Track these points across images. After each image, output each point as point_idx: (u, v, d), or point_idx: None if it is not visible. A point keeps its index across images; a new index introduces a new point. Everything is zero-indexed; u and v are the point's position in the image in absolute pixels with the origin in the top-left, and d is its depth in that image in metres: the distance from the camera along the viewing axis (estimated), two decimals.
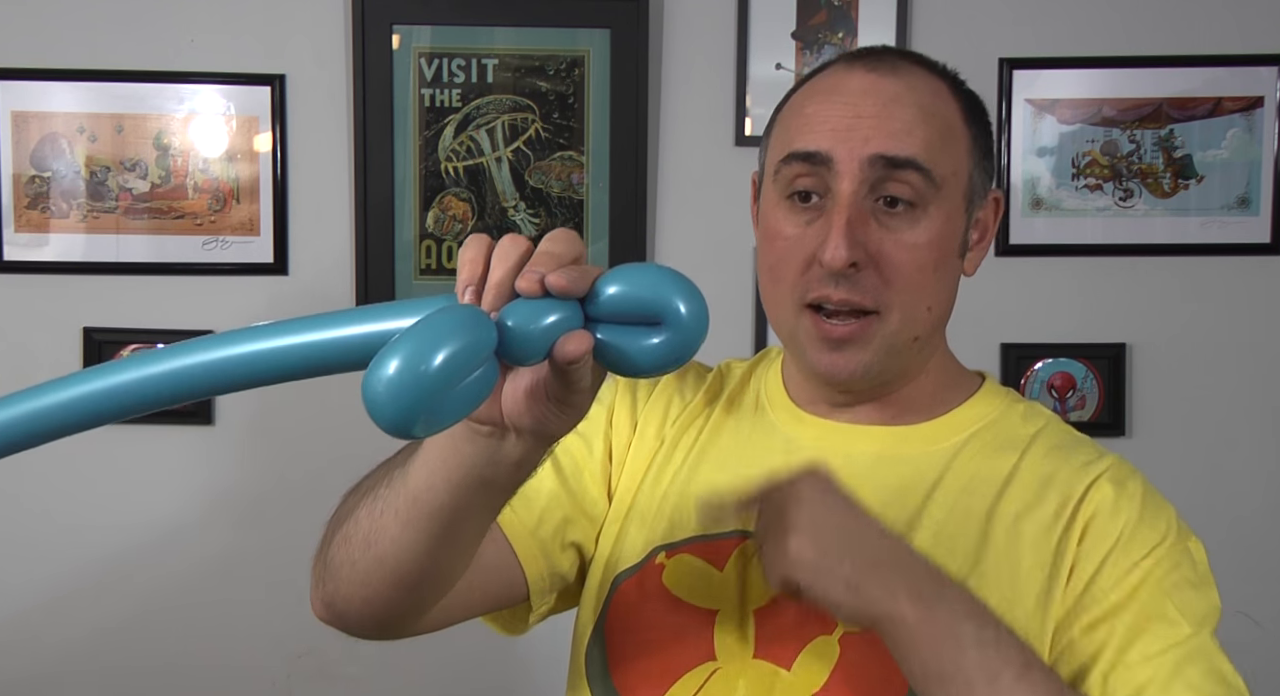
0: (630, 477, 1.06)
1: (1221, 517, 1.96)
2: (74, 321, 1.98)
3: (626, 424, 1.08)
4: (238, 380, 0.70)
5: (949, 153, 0.95)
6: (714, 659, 0.95)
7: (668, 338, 0.69)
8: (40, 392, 0.73)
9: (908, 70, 0.97)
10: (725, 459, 1.04)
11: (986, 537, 0.94)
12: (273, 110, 1.97)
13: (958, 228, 0.97)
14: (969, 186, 0.98)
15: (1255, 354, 2.00)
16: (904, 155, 0.92)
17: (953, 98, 0.98)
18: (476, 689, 2.03)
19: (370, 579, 0.90)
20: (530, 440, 0.76)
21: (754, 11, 1.96)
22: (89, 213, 1.97)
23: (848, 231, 0.91)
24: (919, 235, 0.94)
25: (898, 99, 0.94)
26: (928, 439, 1.00)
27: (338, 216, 1.98)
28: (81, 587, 2.00)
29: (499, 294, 0.69)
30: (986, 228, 1.02)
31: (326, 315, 0.70)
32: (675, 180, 1.99)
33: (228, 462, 1.99)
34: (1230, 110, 1.97)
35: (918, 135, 0.93)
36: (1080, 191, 1.98)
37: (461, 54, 1.96)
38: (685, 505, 1.02)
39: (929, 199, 0.94)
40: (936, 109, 0.95)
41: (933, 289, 0.95)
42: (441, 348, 0.62)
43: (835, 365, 0.95)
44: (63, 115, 1.96)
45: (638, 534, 1.03)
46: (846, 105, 0.94)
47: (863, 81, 0.95)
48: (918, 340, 0.97)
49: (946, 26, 1.98)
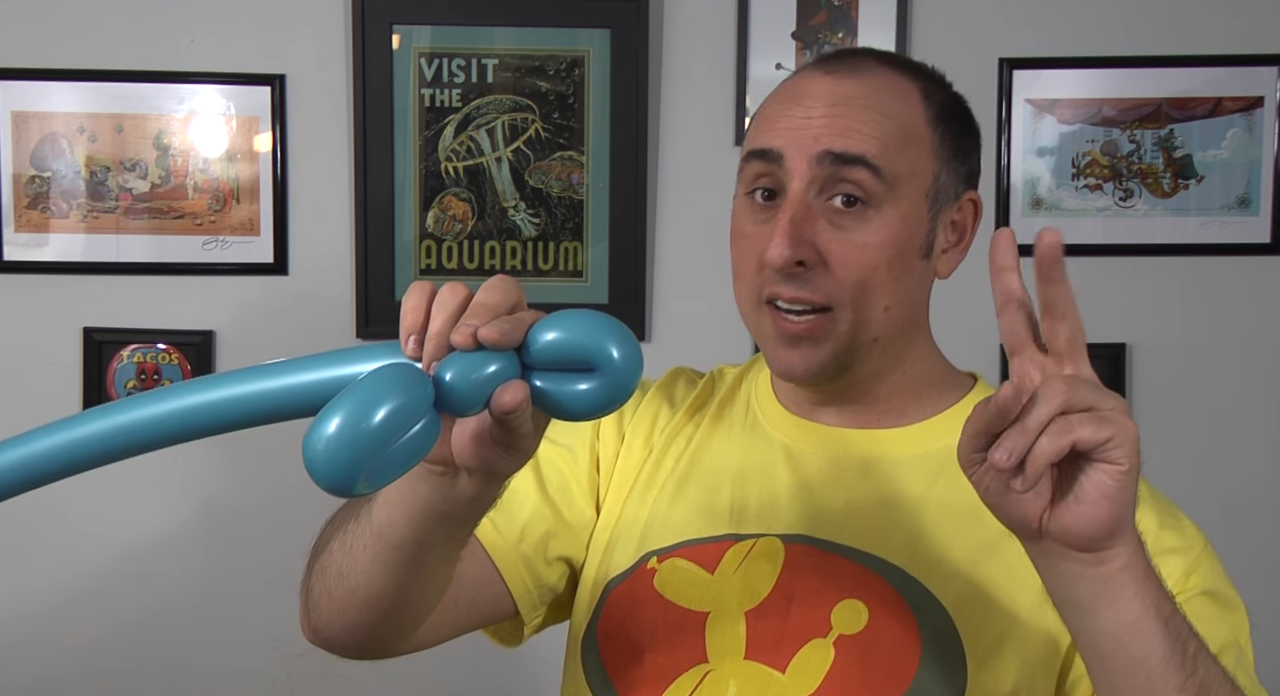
0: (619, 487, 1.06)
1: (1221, 517, 1.96)
2: (74, 321, 1.98)
3: (614, 435, 1.08)
4: (188, 431, 0.73)
5: (907, 153, 0.96)
6: (706, 661, 0.95)
7: (599, 384, 0.70)
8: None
9: (871, 72, 0.98)
10: (718, 464, 1.04)
11: (981, 540, 0.94)
12: (273, 110, 1.97)
13: (918, 228, 0.97)
14: (933, 187, 0.97)
15: (1255, 354, 2.00)
16: (852, 152, 0.93)
17: (920, 99, 0.98)
18: (476, 689, 2.03)
19: (348, 608, 0.92)
20: (481, 479, 0.77)
21: (754, 11, 1.96)
22: (89, 213, 1.97)
23: (791, 230, 0.93)
24: (870, 235, 0.94)
25: (851, 100, 0.95)
26: (919, 440, 1.00)
27: (338, 216, 1.98)
28: (80, 590, 2.00)
29: (437, 345, 0.70)
30: (965, 230, 1.02)
31: (275, 365, 0.72)
32: (675, 180, 1.99)
33: (227, 462, 1.99)
34: (1230, 110, 1.97)
35: (869, 134, 0.94)
36: (1080, 191, 1.98)
37: (461, 54, 1.96)
38: (676, 511, 1.02)
39: (881, 198, 0.94)
40: (894, 110, 0.96)
41: (889, 289, 0.95)
42: (379, 406, 0.64)
43: (791, 362, 0.96)
44: (63, 115, 1.96)
45: (628, 541, 1.03)
46: (801, 106, 0.96)
47: (820, 84, 0.97)
48: (877, 341, 0.97)
49: (946, 26, 1.98)
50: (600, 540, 1.05)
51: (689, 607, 0.97)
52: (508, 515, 1.01)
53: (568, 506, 1.05)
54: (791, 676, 0.93)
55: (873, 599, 0.94)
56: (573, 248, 1.98)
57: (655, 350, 1.95)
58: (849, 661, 0.92)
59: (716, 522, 1.00)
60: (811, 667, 0.92)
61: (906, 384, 1.02)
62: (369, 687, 2.02)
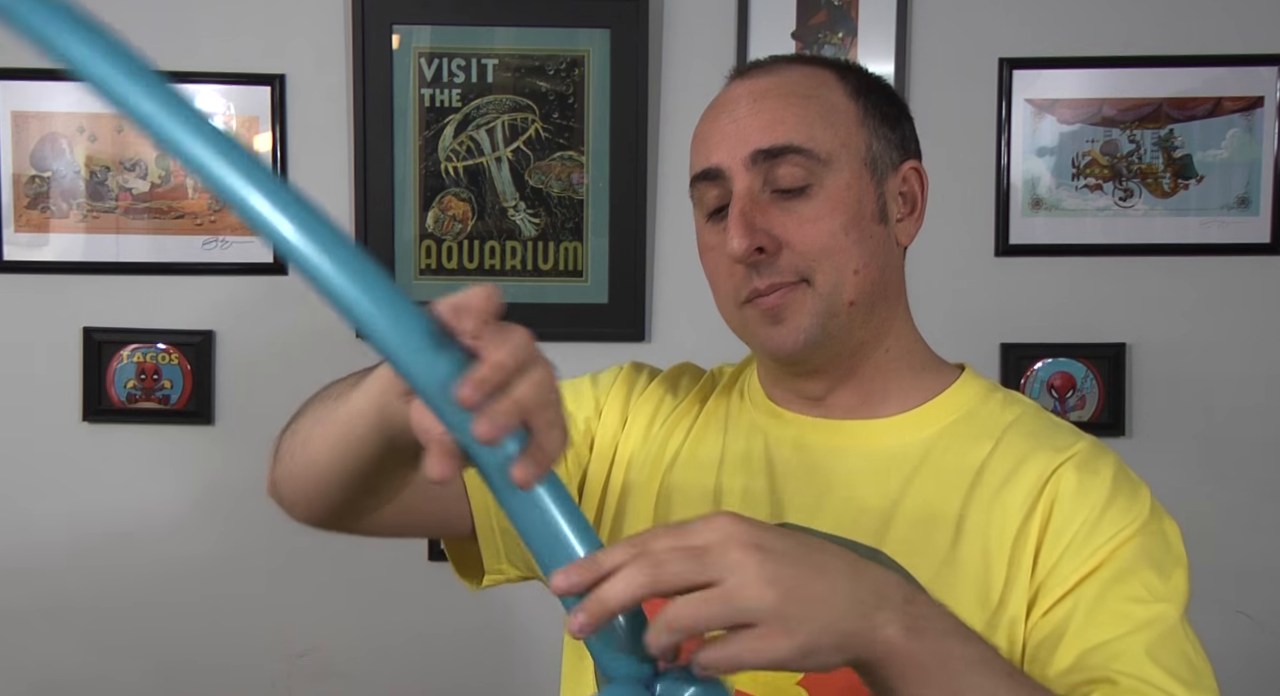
0: (618, 471, 1.07)
1: (1221, 517, 1.96)
2: (74, 321, 1.98)
3: (616, 417, 1.10)
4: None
5: (832, 127, 0.98)
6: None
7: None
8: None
9: (785, 67, 1.02)
10: (709, 455, 1.05)
11: (960, 530, 0.95)
12: (273, 110, 1.97)
13: (864, 194, 0.99)
14: (868, 155, 1.00)
15: (1255, 354, 2.00)
16: (779, 144, 0.97)
17: (836, 79, 1.01)
18: (475, 688, 2.03)
19: (305, 476, 0.94)
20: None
21: (754, 11, 1.96)
22: (89, 212, 1.97)
23: (742, 221, 0.96)
24: (818, 208, 0.97)
25: (767, 92, 0.99)
26: (904, 430, 1.01)
27: (338, 216, 1.96)
28: (82, 587, 2.00)
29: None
30: (915, 199, 1.04)
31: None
32: (675, 180, 1.99)
33: (227, 462, 1.99)
34: (1230, 110, 1.97)
35: (790, 119, 0.97)
36: (1080, 191, 1.98)
37: (461, 54, 1.96)
38: (670, 504, 1.04)
39: (820, 175, 0.97)
40: (810, 90, 0.99)
41: (854, 251, 0.97)
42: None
43: (781, 337, 0.98)
44: (63, 115, 1.96)
45: (631, 532, 1.03)
46: (726, 115, 1.00)
47: (739, 88, 1.01)
48: (854, 304, 0.98)
49: (946, 26, 1.98)
50: (604, 530, 1.06)
51: None
52: None
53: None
54: None
55: None
56: (573, 247, 1.98)
57: (655, 350, 1.96)
58: None
59: (706, 511, 1.02)
60: None
61: (890, 363, 1.03)
62: (369, 687, 2.02)
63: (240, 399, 1.99)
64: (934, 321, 1.12)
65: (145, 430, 1.99)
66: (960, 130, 1.98)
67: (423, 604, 1.99)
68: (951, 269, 1.96)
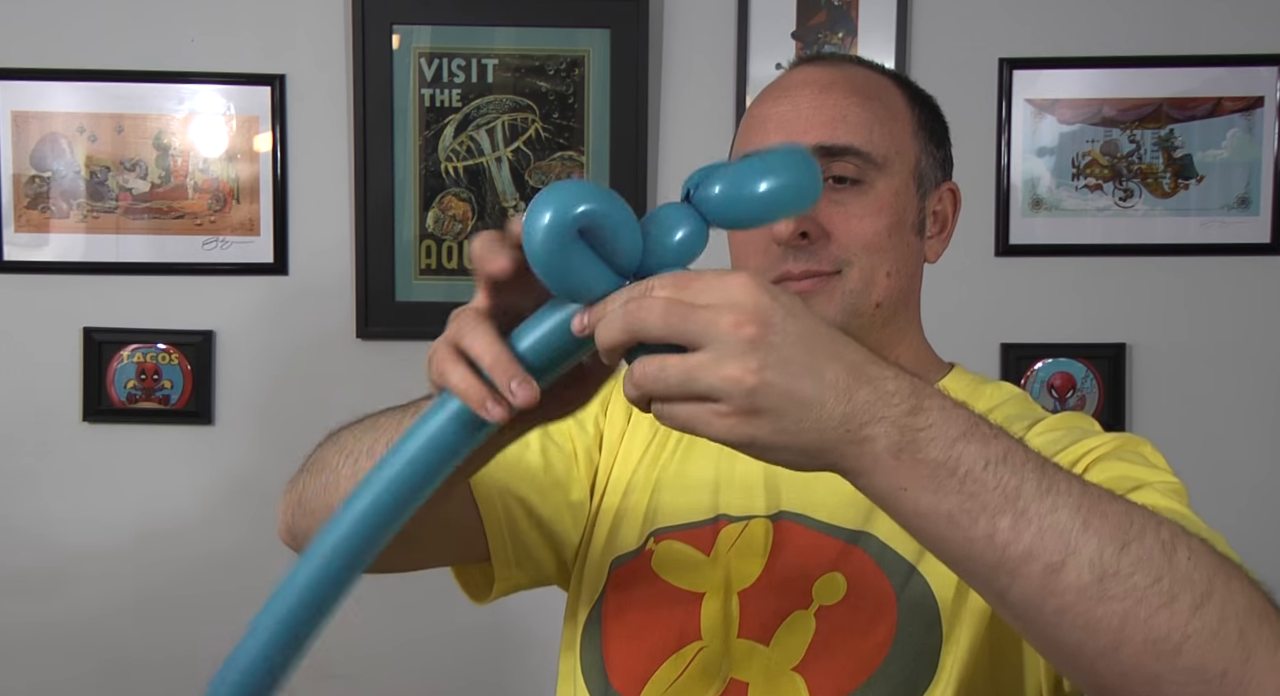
0: (623, 466, 1.08)
1: (1221, 517, 1.96)
2: (74, 321, 1.98)
3: (621, 415, 1.11)
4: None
5: (890, 133, 1.00)
6: (700, 639, 0.98)
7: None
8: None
9: (848, 65, 1.04)
10: (713, 447, 1.05)
11: None
12: (273, 110, 1.97)
13: (909, 203, 1.01)
14: (917, 167, 1.02)
15: (1255, 354, 2.00)
16: (841, 143, 0.98)
17: (896, 86, 1.04)
18: (474, 688, 2.03)
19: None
20: (518, 423, 0.73)
21: (754, 11, 1.96)
22: (89, 213, 1.97)
23: None
24: (868, 205, 0.99)
25: (833, 86, 1.00)
26: None
27: (338, 216, 1.98)
28: (83, 586, 2.00)
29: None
30: (946, 219, 1.07)
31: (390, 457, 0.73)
32: (675, 180, 1.99)
33: (228, 462, 1.99)
34: (1230, 110, 1.97)
35: (854, 119, 0.99)
36: (1080, 191, 1.98)
37: (461, 54, 1.96)
38: (674, 493, 1.05)
39: (874, 176, 0.99)
40: (875, 92, 1.01)
41: (890, 254, 1.00)
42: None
43: None
44: (63, 115, 1.96)
45: (633, 521, 1.05)
46: (788, 100, 1.01)
47: (802, 75, 1.02)
48: (880, 307, 1.00)
49: (946, 26, 1.98)
50: (606, 518, 1.06)
51: (686, 588, 1.00)
52: (504, 465, 1.01)
53: (565, 472, 1.06)
54: (775, 648, 0.95)
55: (852, 570, 0.96)
56: None
57: None
58: (830, 630, 0.94)
59: (710, 504, 1.03)
60: (795, 639, 0.95)
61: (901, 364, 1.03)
62: (369, 687, 2.02)
63: (240, 399, 1.99)
64: (934, 321, 1.12)
65: (145, 430, 1.99)
66: (960, 130, 1.96)
67: (422, 604, 1.99)
68: (951, 269, 1.94)
